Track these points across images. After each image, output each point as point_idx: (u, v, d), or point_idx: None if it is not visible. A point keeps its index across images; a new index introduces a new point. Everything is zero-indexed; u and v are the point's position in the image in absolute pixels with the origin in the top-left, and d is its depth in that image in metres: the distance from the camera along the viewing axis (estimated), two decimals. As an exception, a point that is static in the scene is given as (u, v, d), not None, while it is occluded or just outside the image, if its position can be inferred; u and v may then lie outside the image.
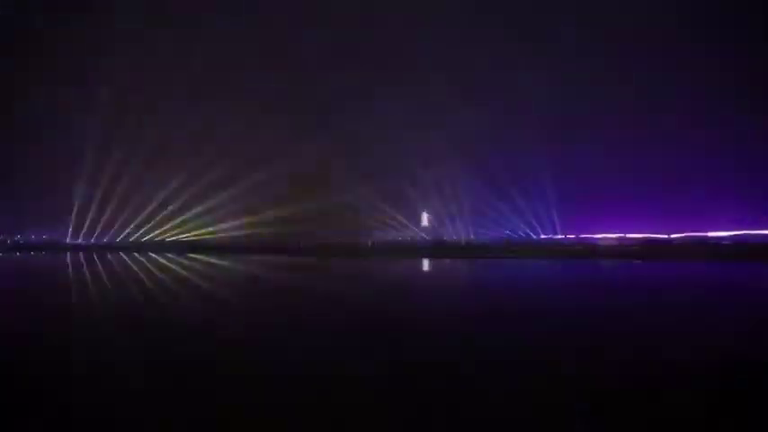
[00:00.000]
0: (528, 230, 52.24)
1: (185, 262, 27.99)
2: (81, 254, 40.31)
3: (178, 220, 51.00)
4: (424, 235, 52.13)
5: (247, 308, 9.86)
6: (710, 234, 42.13)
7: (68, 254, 40.68)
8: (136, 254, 38.89)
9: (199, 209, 49.97)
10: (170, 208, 49.57)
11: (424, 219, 56.32)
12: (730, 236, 40.73)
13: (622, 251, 34.32)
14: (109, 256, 36.32)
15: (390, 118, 46.07)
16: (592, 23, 39.19)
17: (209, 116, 45.83)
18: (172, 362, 5.40)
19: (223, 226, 50.66)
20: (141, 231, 52.18)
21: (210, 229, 51.12)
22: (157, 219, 51.03)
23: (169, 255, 38.29)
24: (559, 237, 52.28)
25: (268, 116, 46.16)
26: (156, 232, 52.27)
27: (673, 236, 44.14)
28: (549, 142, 44.04)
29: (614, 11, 38.96)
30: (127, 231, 52.04)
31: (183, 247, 46.90)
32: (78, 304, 10.30)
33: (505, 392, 4.43)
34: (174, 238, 51.91)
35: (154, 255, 38.06)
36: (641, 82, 41.22)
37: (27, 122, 45.44)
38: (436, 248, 40.72)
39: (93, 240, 52.25)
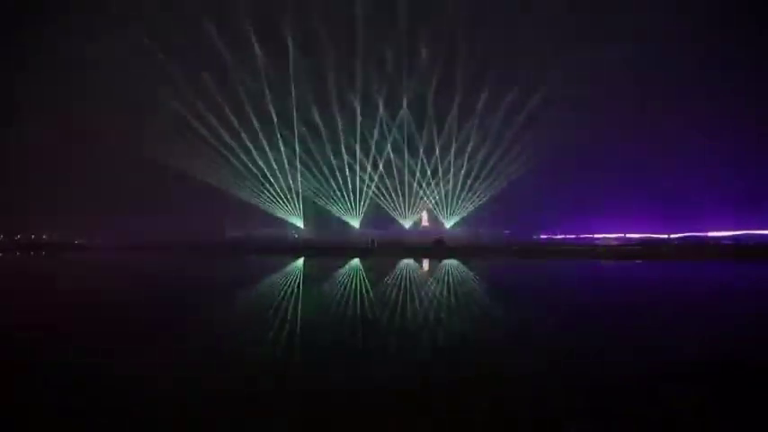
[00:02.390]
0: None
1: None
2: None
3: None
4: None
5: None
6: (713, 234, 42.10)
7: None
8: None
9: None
10: None
11: (424, 218, 56.18)
12: (730, 236, 40.68)
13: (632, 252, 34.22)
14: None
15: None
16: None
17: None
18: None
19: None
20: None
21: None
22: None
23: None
24: (559, 237, 52.28)
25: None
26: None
27: (673, 235, 44.11)
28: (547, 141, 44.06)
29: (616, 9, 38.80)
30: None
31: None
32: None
33: None
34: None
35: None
36: (643, 82, 41.13)
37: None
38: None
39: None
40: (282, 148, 48.05)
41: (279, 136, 47.34)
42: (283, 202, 51.17)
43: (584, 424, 3.68)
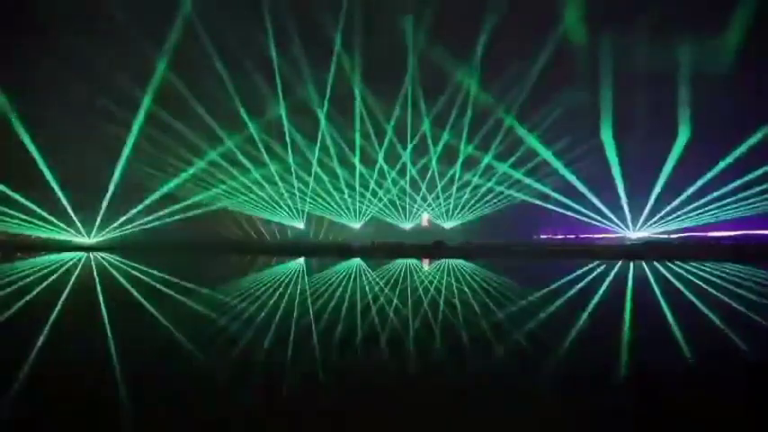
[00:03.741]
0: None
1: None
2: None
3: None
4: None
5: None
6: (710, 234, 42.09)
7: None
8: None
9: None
10: None
11: (424, 219, 56.03)
12: (730, 236, 40.64)
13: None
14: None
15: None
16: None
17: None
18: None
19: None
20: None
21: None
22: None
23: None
24: (559, 237, 52.22)
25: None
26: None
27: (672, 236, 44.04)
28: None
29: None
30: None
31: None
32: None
33: None
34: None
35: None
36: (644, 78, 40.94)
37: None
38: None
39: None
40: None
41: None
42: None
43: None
